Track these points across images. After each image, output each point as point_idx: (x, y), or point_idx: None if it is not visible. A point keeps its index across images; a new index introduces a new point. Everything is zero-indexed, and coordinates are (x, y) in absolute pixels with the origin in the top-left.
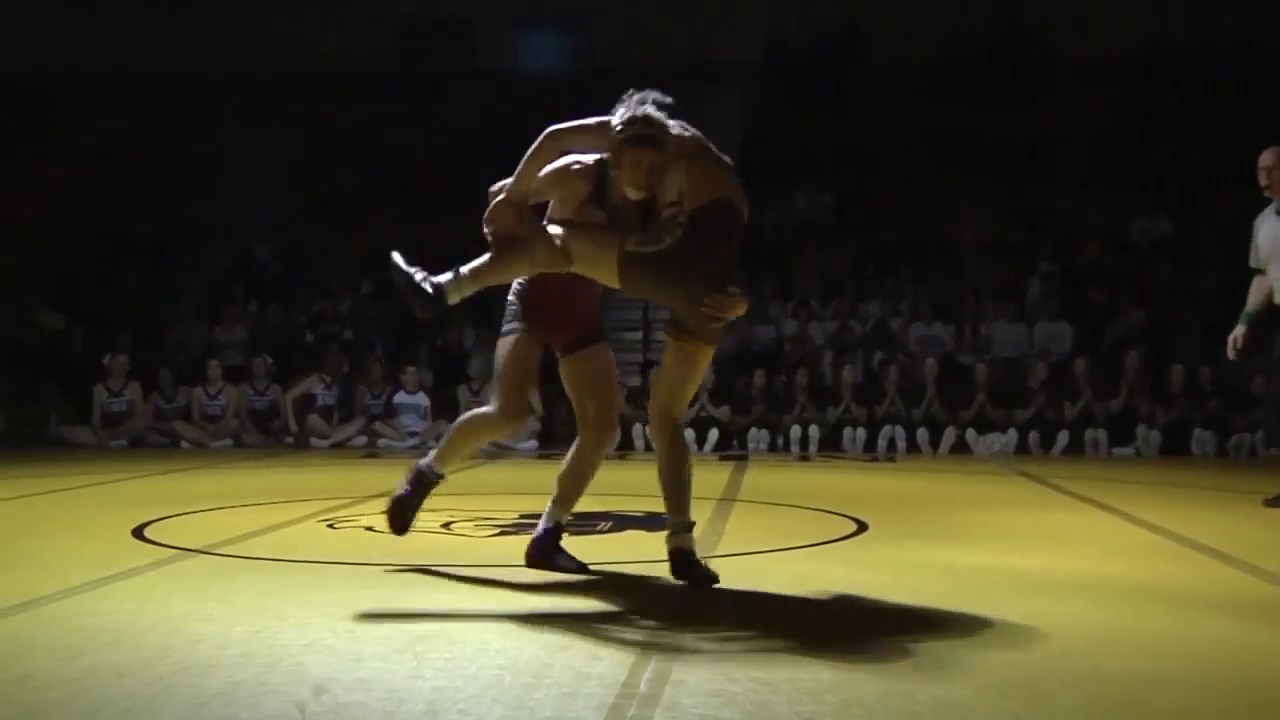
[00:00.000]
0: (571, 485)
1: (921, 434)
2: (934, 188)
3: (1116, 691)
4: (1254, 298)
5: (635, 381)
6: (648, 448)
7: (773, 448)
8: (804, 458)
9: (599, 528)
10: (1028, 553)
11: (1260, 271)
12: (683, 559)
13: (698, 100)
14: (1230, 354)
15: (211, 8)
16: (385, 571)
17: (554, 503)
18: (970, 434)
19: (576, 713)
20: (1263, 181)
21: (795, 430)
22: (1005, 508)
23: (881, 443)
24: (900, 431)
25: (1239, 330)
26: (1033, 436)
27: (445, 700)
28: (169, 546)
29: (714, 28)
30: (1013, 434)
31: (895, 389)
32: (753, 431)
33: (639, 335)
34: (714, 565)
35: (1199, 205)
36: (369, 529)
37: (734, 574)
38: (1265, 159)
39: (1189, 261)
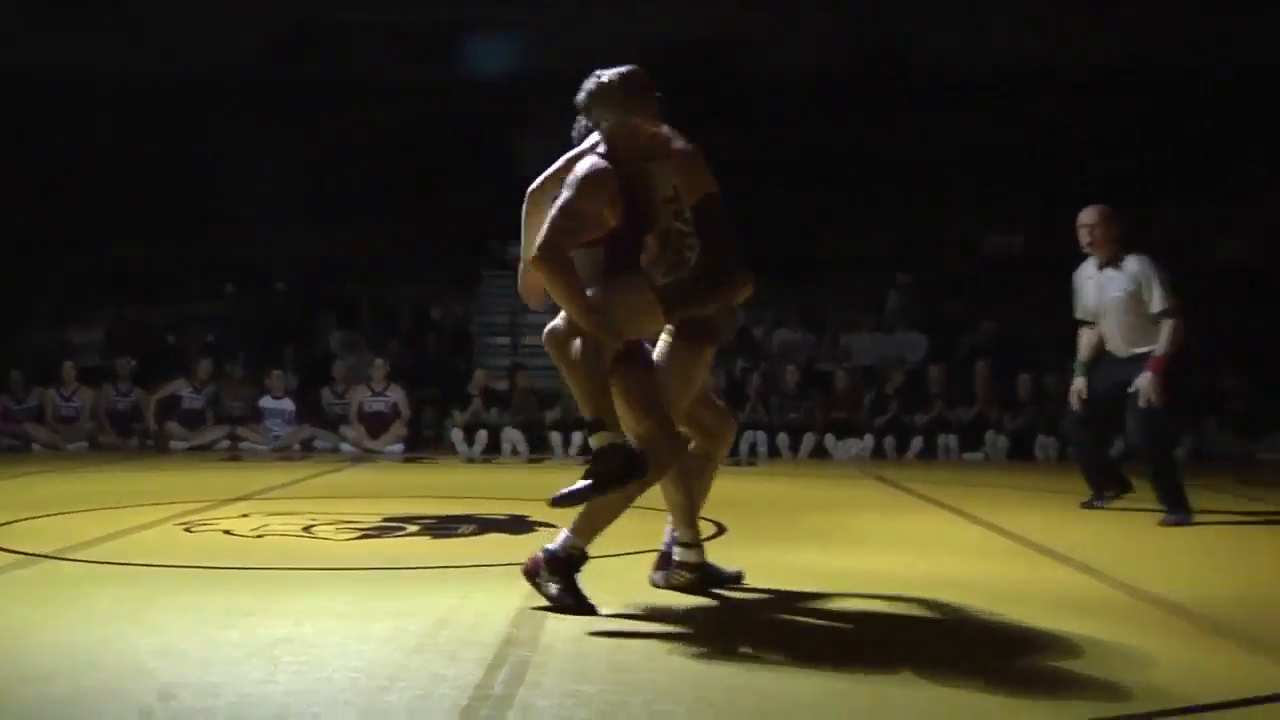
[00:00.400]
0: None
1: (782, 439)
2: (798, 201)
3: (951, 693)
4: (1084, 349)
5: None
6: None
7: None
8: None
9: (461, 531)
10: (880, 553)
11: (1087, 323)
12: (707, 573)
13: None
14: (1075, 405)
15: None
16: (242, 575)
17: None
18: (829, 439)
19: (430, 715)
20: (1085, 239)
21: None
22: (861, 510)
23: (743, 447)
24: (762, 436)
25: (1079, 383)
26: (888, 441)
27: (298, 705)
28: (16, 552)
29: (592, 41)
30: (869, 439)
31: (757, 395)
32: None
33: (507, 340)
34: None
35: (1050, 221)
36: (227, 533)
37: (596, 576)
38: (1086, 217)
39: (1039, 275)
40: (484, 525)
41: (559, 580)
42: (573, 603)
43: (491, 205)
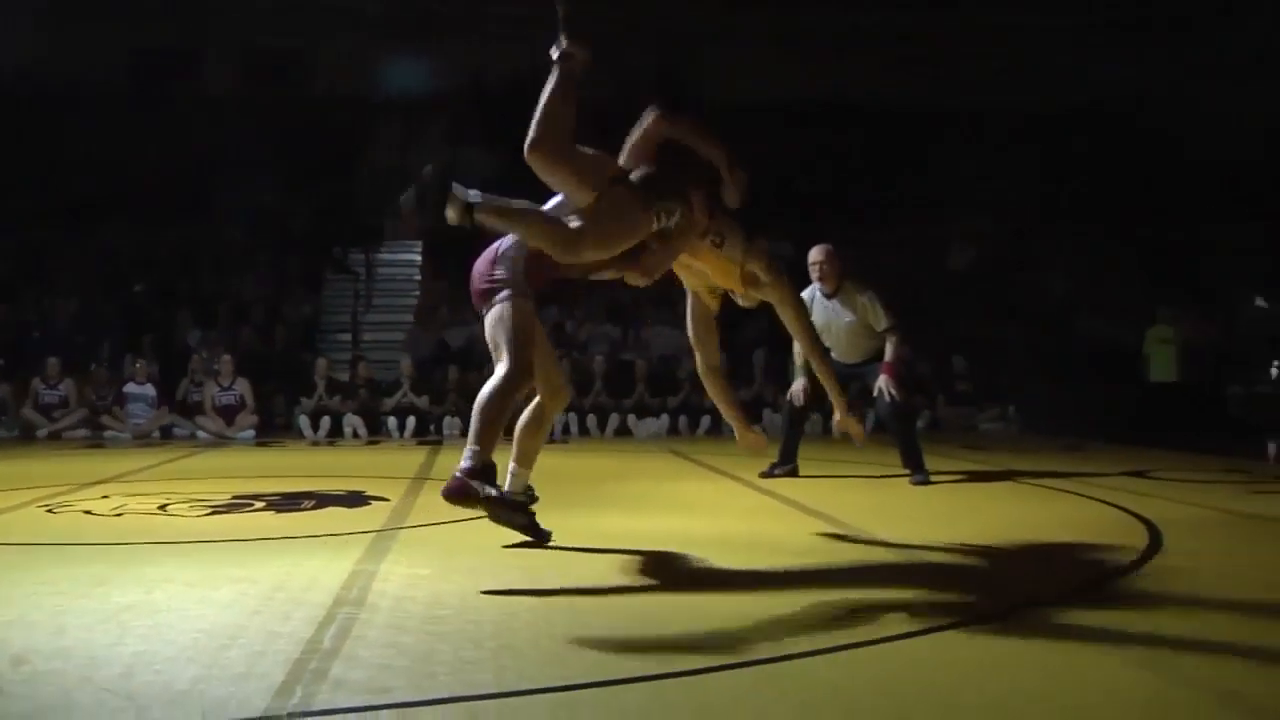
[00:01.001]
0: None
1: (591, 419)
2: None
3: (719, 624)
4: (801, 355)
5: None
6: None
7: (465, 433)
8: None
9: (302, 505)
10: (672, 516)
11: None
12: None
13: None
14: (797, 402)
15: None
16: (99, 551)
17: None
18: (631, 419)
19: (265, 668)
20: (815, 275)
21: None
22: (655, 479)
23: (556, 428)
24: (573, 418)
25: (799, 384)
26: (682, 420)
27: (142, 663)
28: None
29: (422, 65)
30: (665, 419)
31: (569, 381)
32: (448, 419)
33: (348, 336)
34: (404, 536)
35: (815, 232)
36: (87, 513)
37: (420, 542)
38: (815, 255)
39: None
40: (323, 500)
41: (491, 485)
42: (507, 507)
43: (335, 214)
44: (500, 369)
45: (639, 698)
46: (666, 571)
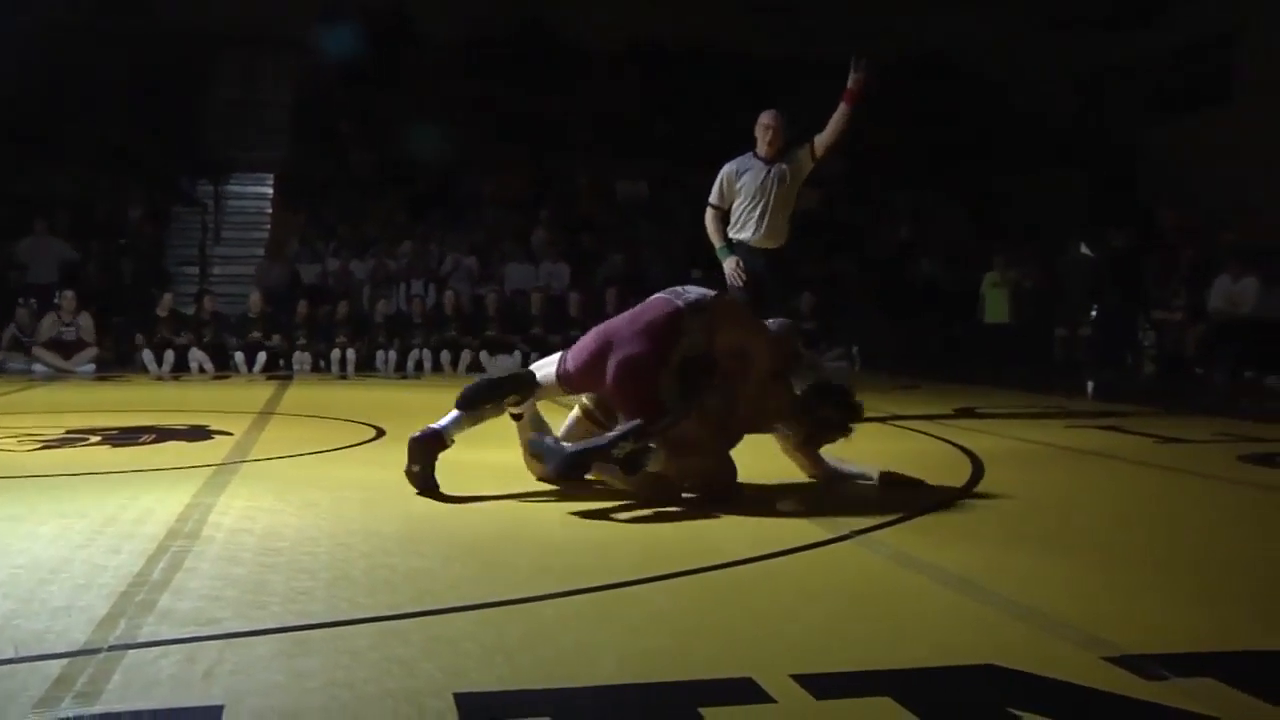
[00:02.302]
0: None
1: (445, 355)
2: (464, 150)
3: (556, 555)
4: (719, 234)
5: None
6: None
7: (316, 369)
8: (343, 377)
9: (141, 440)
10: (513, 449)
11: (716, 209)
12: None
13: (256, 65)
14: (738, 282)
15: None
16: None
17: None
18: (483, 354)
19: (88, 601)
20: (766, 139)
21: (335, 353)
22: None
23: (410, 363)
24: (426, 353)
25: (736, 260)
26: (534, 356)
27: None
28: None
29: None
30: (518, 355)
31: (423, 317)
32: (298, 354)
33: (196, 269)
34: (246, 470)
35: (671, 173)
36: None
37: (261, 476)
38: (768, 119)
39: (661, 219)
40: (164, 435)
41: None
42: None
43: (180, 146)
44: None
45: (467, 624)
46: (506, 504)
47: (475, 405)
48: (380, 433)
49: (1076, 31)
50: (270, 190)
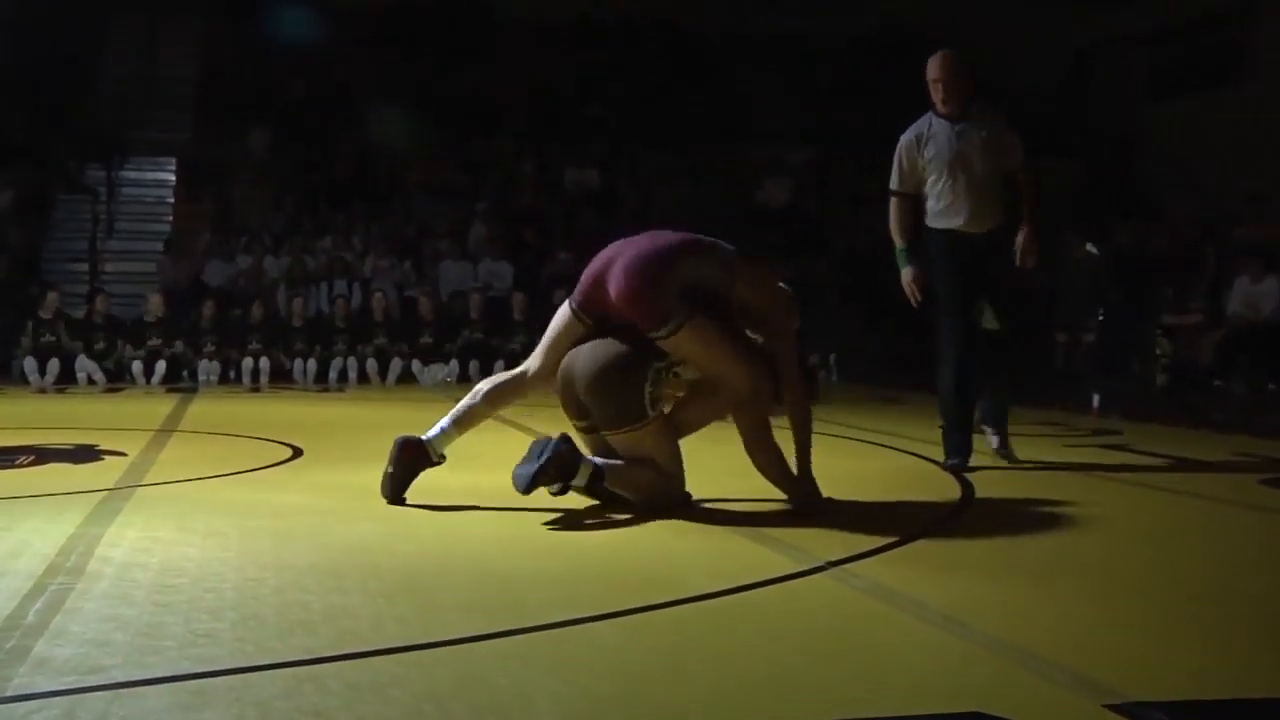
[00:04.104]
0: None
1: (371, 365)
2: (387, 133)
3: (498, 591)
4: (900, 231)
5: None
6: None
7: (224, 379)
8: (255, 389)
9: (18, 462)
10: (451, 471)
11: (900, 194)
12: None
13: (156, 34)
14: (914, 303)
15: None
16: None
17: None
18: (416, 364)
19: None
20: (939, 95)
21: (246, 362)
22: None
23: (332, 373)
24: (352, 363)
25: (911, 274)
26: (473, 365)
27: None
28: None
29: None
30: (454, 364)
31: (346, 322)
32: (203, 364)
33: (85, 266)
34: (141, 495)
35: (622, 160)
36: None
37: (159, 501)
38: (936, 69)
39: (612, 209)
40: (45, 455)
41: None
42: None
43: (68, 125)
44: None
45: (393, 669)
46: (441, 532)
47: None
48: (297, 453)
49: (1066, 1)
50: (172, 177)
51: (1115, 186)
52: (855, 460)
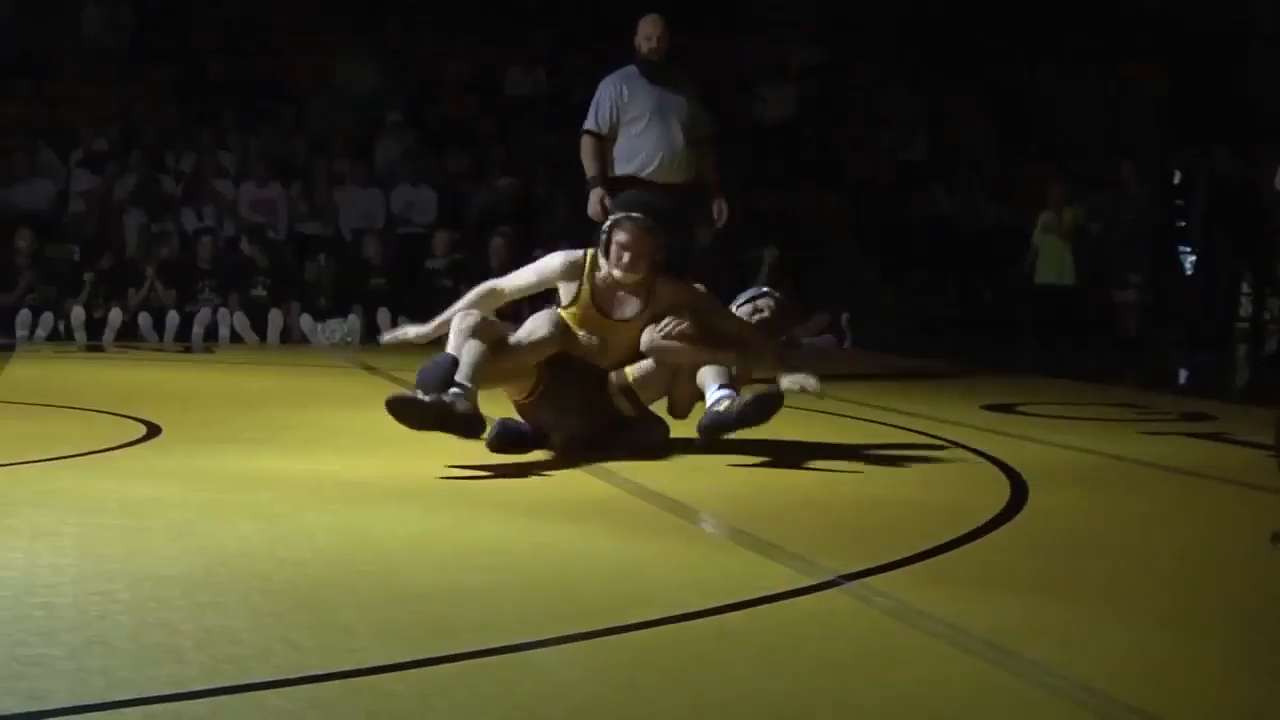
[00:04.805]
0: None
1: (239, 319)
2: (268, 19)
3: (417, 609)
4: (599, 164)
5: None
6: None
7: (54, 335)
8: (94, 347)
9: None
10: (352, 456)
11: (595, 135)
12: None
13: None
14: (597, 214)
15: None
16: None
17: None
18: (305, 319)
19: None
20: (646, 47)
21: (79, 313)
22: (335, 406)
23: (198, 329)
24: (224, 315)
25: (602, 193)
26: (382, 315)
27: None
28: None
29: None
30: (355, 319)
31: (211, 260)
32: (22, 314)
33: None
34: None
35: (575, 57)
36: None
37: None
38: (652, 26)
39: (561, 122)
40: None
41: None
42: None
43: None
44: None
45: (285, 707)
46: (342, 534)
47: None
48: (152, 430)
49: None
50: None
51: (1215, 98)
52: (878, 450)
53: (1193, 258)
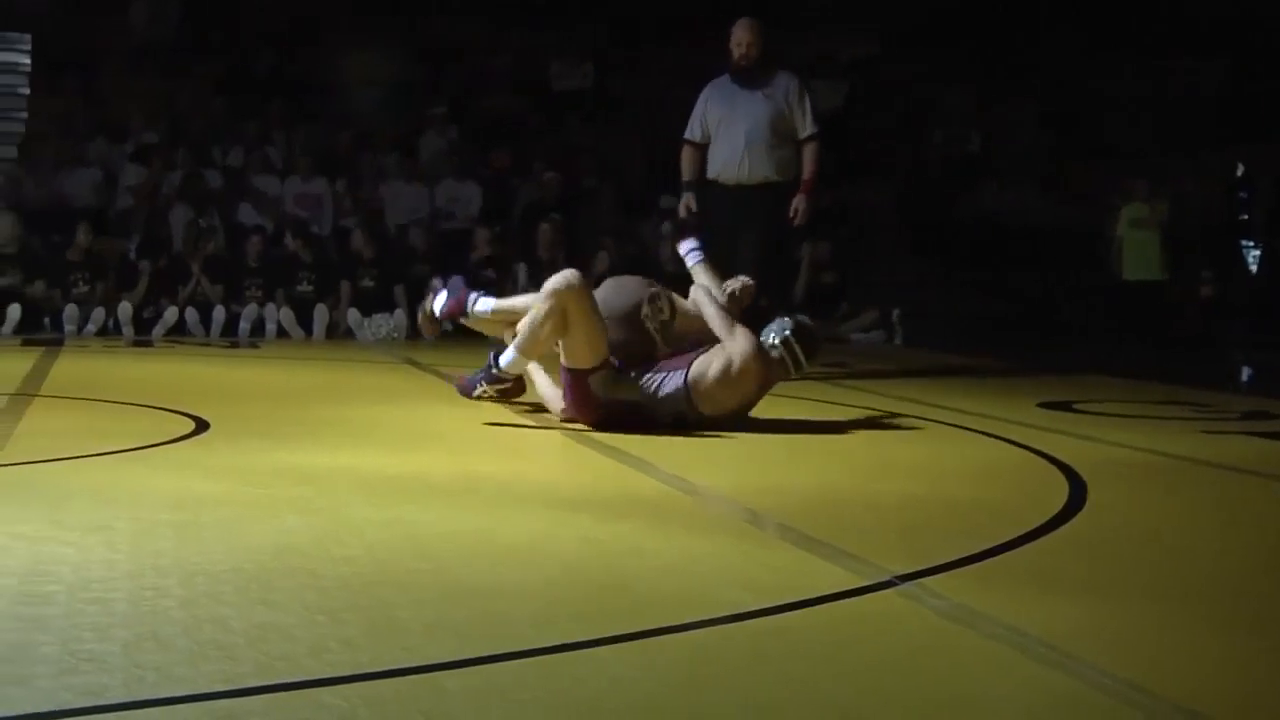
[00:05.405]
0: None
1: (285, 314)
2: (313, 13)
3: (470, 607)
4: (691, 170)
5: None
6: None
7: (103, 330)
8: (142, 342)
9: None
10: (398, 452)
11: (692, 143)
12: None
13: None
14: (684, 214)
15: None
16: None
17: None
18: (353, 314)
19: None
20: (738, 54)
21: (126, 308)
22: (382, 401)
23: (244, 325)
24: (271, 311)
25: (689, 196)
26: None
27: None
28: None
29: None
30: (401, 314)
31: (259, 258)
32: (71, 309)
33: None
34: None
35: (622, 51)
36: None
37: (14, 487)
38: (744, 32)
39: (607, 116)
40: None
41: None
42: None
43: None
44: None
45: (339, 704)
46: (392, 530)
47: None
48: (201, 425)
49: None
50: (27, 60)
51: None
52: (931, 447)
53: (1256, 253)
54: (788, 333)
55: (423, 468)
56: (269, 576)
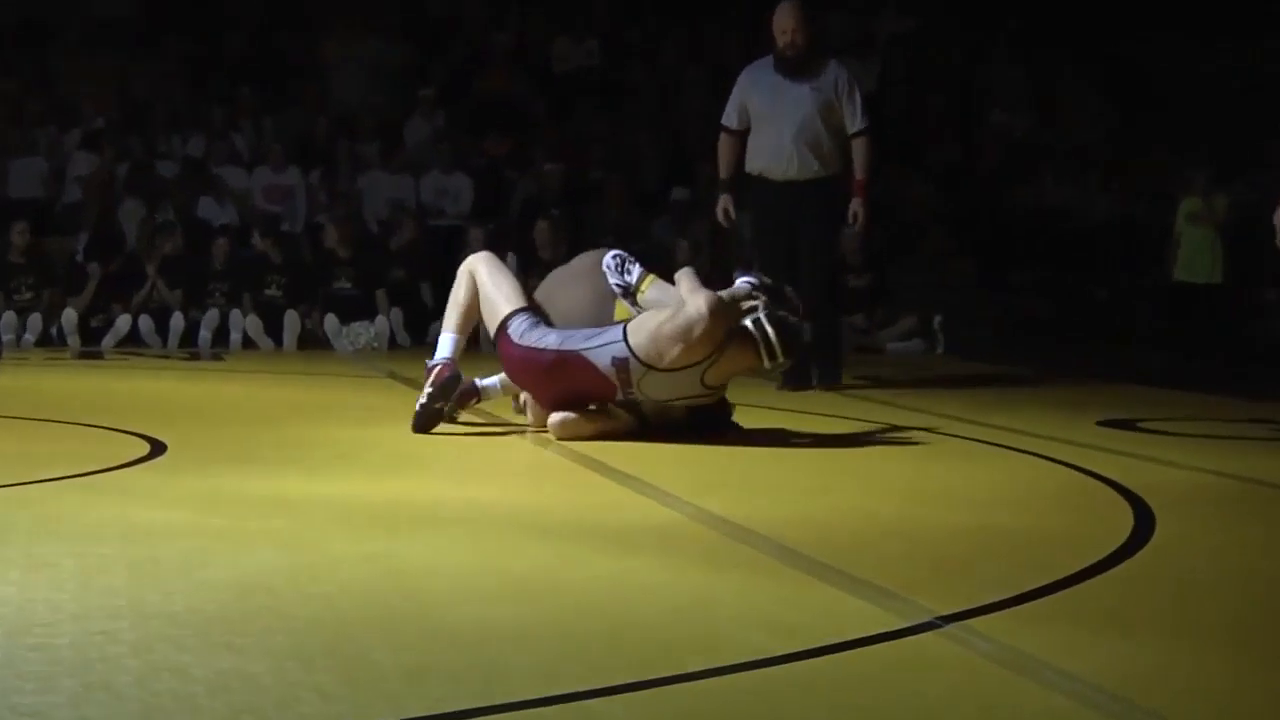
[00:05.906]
0: None
1: (254, 322)
2: None
3: (459, 652)
4: (728, 164)
5: None
6: None
7: (44, 340)
8: (89, 354)
9: None
10: (381, 477)
11: (730, 131)
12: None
13: None
14: (724, 222)
15: None
16: None
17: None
18: (330, 321)
19: None
20: (783, 43)
21: (70, 316)
22: (361, 420)
23: (205, 334)
24: (236, 318)
25: (727, 199)
26: (396, 316)
27: None
28: None
29: None
30: (382, 321)
31: (226, 259)
32: (8, 317)
33: None
34: None
35: (633, 31)
36: None
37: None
38: (787, 19)
39: (617, 101)
40: None
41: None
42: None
43: None
44: None
45: None
46: (371, 565)
47: None
48: (157, 448)
49: None
50: None
51: None
52: (977, 470)
53: None
54: (762, 315)
55: (408, 495)
56: (234, 618)
